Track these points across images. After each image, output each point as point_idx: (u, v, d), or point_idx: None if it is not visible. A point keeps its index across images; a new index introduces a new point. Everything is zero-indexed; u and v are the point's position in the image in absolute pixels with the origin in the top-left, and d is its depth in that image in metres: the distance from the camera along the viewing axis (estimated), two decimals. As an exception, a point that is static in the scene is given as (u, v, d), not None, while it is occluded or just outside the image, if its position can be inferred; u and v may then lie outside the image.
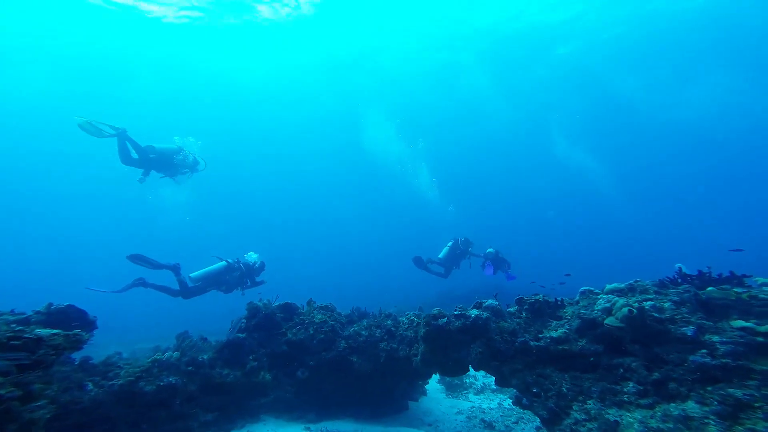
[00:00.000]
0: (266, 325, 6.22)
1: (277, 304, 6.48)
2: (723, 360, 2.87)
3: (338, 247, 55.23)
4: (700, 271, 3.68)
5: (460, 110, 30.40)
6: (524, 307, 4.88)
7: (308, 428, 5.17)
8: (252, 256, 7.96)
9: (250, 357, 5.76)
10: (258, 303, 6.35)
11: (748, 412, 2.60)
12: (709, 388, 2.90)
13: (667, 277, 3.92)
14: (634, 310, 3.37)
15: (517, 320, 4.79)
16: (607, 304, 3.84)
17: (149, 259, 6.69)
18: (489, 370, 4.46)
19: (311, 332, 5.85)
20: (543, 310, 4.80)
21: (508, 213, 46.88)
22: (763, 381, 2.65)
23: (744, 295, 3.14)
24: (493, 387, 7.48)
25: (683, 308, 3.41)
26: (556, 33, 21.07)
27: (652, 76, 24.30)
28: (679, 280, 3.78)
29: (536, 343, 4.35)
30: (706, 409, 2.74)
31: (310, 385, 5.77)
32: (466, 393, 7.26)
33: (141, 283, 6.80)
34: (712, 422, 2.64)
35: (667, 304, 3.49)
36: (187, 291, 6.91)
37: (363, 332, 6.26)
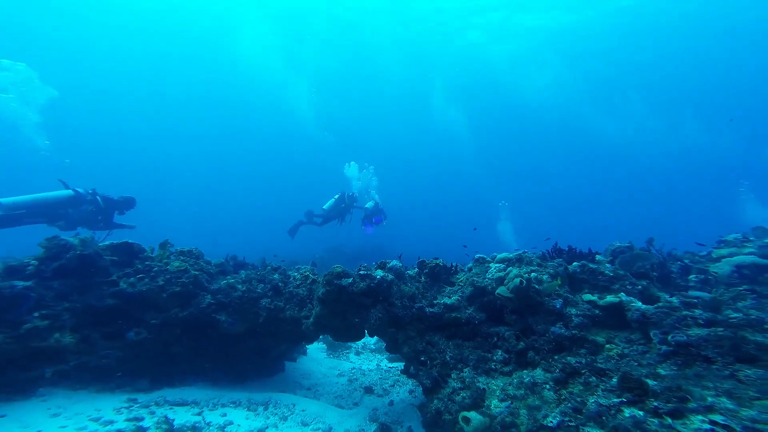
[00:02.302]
0: (81, 271, 4.35)
1: (107, 242, 4.64)
2: (573, 331, 3.46)
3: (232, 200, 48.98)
4: (569, 247, 4.39)
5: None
6: (424, 271, 4.92)
7: (134, 399, 3.94)
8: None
9: (36, 314, 3.91)
10: (70, 239, 4.38)
11: (575, 378, 3.02)
12: (556, 357, 3.42)
13: (547, 250, 4.53)
14: (524, 282, 3.71)
15: (416, 284, 4.79)
16: (500, 273, 4.15)
17: None
18: (383, 336, 4.34)
19: (160, 283, 4.43)
20: (440, 275, 4.95)
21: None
22: (590, 349, 3.30)
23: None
24: (372, 347, 7.77)
25: (554, 282, 3.97)
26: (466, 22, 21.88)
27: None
28: (554, 255, 4.42)
29: (431, 310, 4.43)
30: (548, 375, 3.17)
31: (148, 348, 4.44)
32: (347, 353, 7.29)
33: None
34: (547, 387, 3.02)
35: (545, 276, 4.01)
36: None
37: (239, 286, 5.24)
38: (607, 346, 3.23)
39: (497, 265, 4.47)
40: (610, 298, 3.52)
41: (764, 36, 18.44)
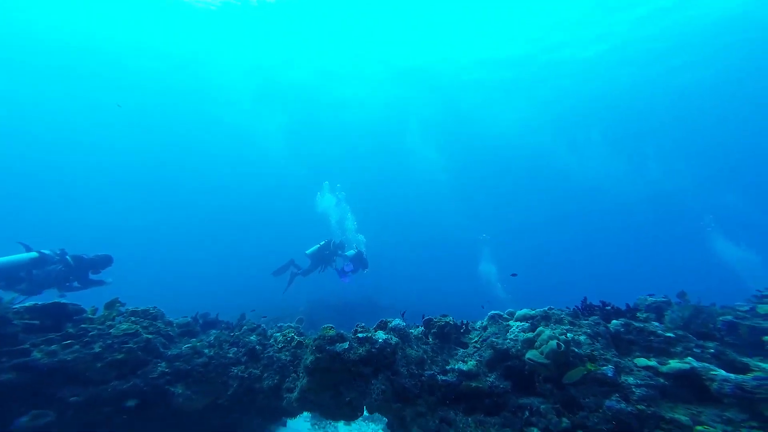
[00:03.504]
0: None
1: (29, 303, 3.71)
2: (639, 406, 2.72)
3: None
4: (602, 302, 3.79)
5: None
6: (432, 331, 4.15)
7: None
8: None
9: None
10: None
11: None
12: None
13: (577, 307, 3.90)
14: (562, 345, 3.02)
15: (424, 346, 3.99)
16: (527, 334, 3.45)
17: None
18: (387, 414, 3.41)
19: (95, 350, 3.42)
20: (450, 335, 4.19)
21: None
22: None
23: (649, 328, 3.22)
24: (365, 414, 6.47)
25: (597, 343, 3.30)
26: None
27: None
28: (585, 311, 3.79)
29: (444, 378, 3.60)
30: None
31: None
32: (335, 422, 6.00)
33: None
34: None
35: (582, 337, 3.34)
36: None
37: (206, 350, 4.26)
38: (699, 428, 2.47)
39: (519, 324, 3.79)
40: (675, 364, 2.86)
41: (723, 79, 20.25)
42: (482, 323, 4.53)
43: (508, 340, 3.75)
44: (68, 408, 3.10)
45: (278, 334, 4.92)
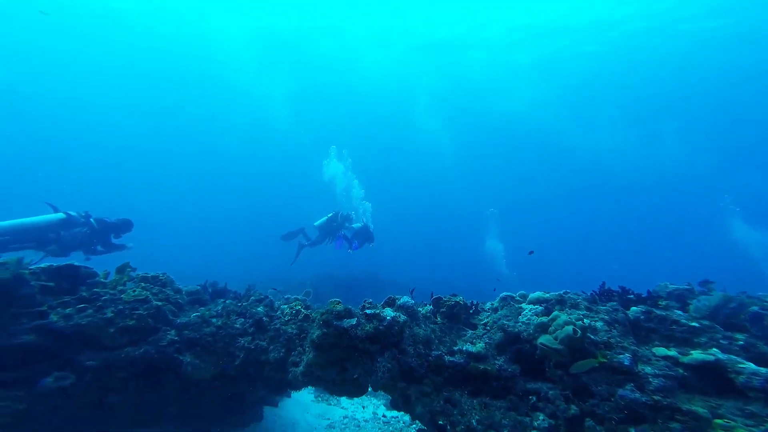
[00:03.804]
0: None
1: (44, 265, 3.71)
2: (655, 396, 2.62)
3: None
4: (622, 288, 3.62)
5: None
6: (441, 310, 4.06)
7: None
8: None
9: None
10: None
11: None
12: (632, 430, 2.56)
13: (595, 292, 3.74)
14: (578, 331, 2.89)
15: (432, 326, 3.92)
16: (540, 318, 3.33)
17: None
18: (392, 392, 3.40)
19: (108, 315, 3.45)
20: (459, 315, 4.10)
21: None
22: (687, 423, 2.46)
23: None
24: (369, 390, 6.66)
25: (614, 330, 3.16)
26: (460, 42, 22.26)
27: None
28: (603, 297, 3.63)
29: (451, 359, 3.54)
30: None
31: (76, 399, 3.37)
32: (338, 396, 6.17)
33: None
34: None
35: (599, 324, 3.20)
36: None
37: (214, 320, 4.29)
38: (718, 421, 2.36)
39: (532, 307, 3.65)
40: (698, 355, 2.71)
41: (744, 52, 18.79)
42: (492, 304, 4.43)
43: (519, 323, 3.65)
44: (86, 371, 3.17)
45: (285, 306, 4.92)
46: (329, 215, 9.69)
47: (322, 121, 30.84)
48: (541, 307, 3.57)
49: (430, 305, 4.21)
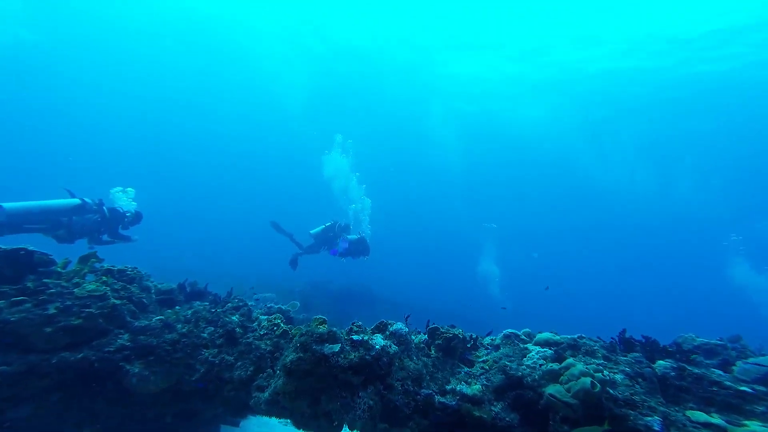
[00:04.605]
0: None
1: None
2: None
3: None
4: (645, 338, 3.16)
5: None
6: (436, 342, 3.59)
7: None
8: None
9: None
10: None
11: None
12: None
13: (614, 339, 3.28)
14: (597, 385, 2.42)
15: (425, 359, 3.44)
16: (550, 365, 2.86)
17: None
18: (372, 433, 2.89)
19: (50, 311, 2.97)
20: (456, 349, 3.62)
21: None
22: None
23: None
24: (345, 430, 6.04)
25: (638, 386, 2.69)
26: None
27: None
28: (623, 345, 3.16)
29: (442, 400, 3.06)
30: None
31: None
32: None
33: None
34: None
35: (619, 377, 2.73)
36: None
37: (179, 326, 3.82)
38: None
39: (540, 349, 3.19)
40: (760, 429, 2.22)
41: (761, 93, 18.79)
42: (493, 340, 3.95)
43: (524, 367, 3.17)
44: None
45: (264, 317, 4.45)
46: (327, 224, 9.43)
47: (332, 119, 30.17)
48: (550, 351, 3.11)
49: (424, 334, 3.75)
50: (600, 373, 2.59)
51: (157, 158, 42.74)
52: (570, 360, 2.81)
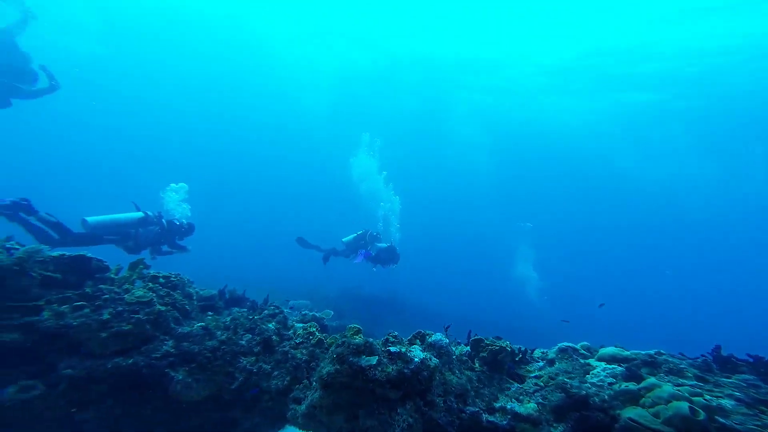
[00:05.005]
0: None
1: (54, 253, 3.50)
2: None
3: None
4: (752, 356, 2.65)
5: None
6: (481, 354, 3.30)
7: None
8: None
9: None
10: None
11: None
12: None
13: (710, 355, 2.80)
14: (701, 413, 2.02)
15: (468, 373, 3.16)
16: (630, 386, 2.47)
17: None
18: (415, 455, 2.66)
19: (105, 317, 3.09)
20: (504, 363, 3.30)
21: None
22: None
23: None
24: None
25: (764, 416, 2.23)
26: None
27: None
28: (720, 363, 2.67)
29: (491, 419, 2.77)
30: None
31: (40, 413, 2.90)
32: None
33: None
34: None
35: (728, 403, 2.29)
36: (68, 237, 4.87)
37: (219, 333, 3.85)
38: None
39: (607, 366, 2.80)
40: None
41: None
42: (544, 353, 3.58)
43: (587, 385, 2.80)
44: (60, 381, 2.81)
45: (299, 324, 4.40)
46: (359, 233, 9.64)
47: (356, 121, 29.69)
48: (620, 368, 2.70)
49: (466, 346, 3.47)
50: (700, 398, 2.17)
51: (197, 167, 45.32)
52: (652, 380, 2.41)
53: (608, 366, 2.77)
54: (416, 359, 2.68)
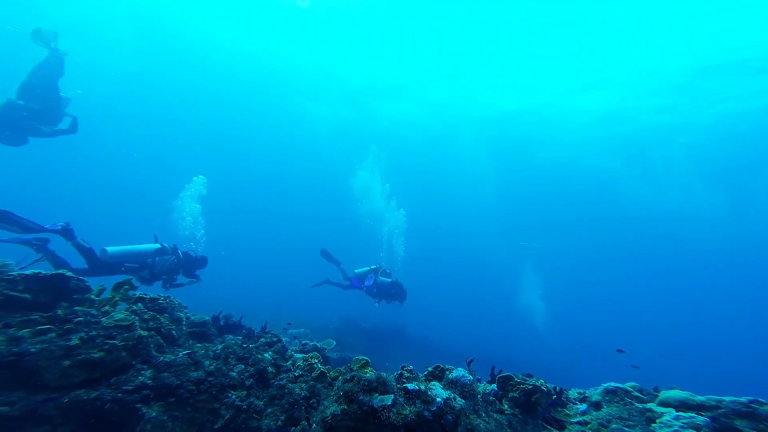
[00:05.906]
0: None
1: (27, 271, 3.13)
2: None
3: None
4: None
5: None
6: (511, 394, 2.82)
7: None
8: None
9: None
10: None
11: None
12: None
13: None
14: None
15: (497, 416, 2.67)
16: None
17: (19, 218, 4.38)
18: None
19: (73, 342, 2.66)
20: (538, 404, 2.81)
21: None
22: None
23: None
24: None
25: None
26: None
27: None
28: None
29: (531, 476, 2.26)
30: None
31: None
32: None
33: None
34: None
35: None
36: (95, 264, 5.01)
37: (206, 362, 3.39)
38: None
39: (679, 414, 2.33)
40: None
41: None
42: (580, 393, 3.08)
43: (646, 437, 2.30)
44: None
45: (299, 355, 3.92)
46: (372, 267, 9.66)
47: (357, 146, 29.46)
48: (701, 418, 2.22)
49: (490, 384, 2.99)
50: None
51: (211, 186, 44.75)
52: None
53: (684, 415, 2.29)
54: (438, 399, 2.23)
